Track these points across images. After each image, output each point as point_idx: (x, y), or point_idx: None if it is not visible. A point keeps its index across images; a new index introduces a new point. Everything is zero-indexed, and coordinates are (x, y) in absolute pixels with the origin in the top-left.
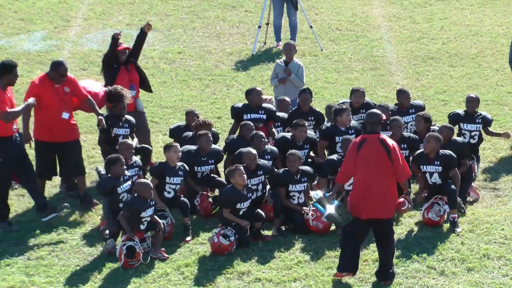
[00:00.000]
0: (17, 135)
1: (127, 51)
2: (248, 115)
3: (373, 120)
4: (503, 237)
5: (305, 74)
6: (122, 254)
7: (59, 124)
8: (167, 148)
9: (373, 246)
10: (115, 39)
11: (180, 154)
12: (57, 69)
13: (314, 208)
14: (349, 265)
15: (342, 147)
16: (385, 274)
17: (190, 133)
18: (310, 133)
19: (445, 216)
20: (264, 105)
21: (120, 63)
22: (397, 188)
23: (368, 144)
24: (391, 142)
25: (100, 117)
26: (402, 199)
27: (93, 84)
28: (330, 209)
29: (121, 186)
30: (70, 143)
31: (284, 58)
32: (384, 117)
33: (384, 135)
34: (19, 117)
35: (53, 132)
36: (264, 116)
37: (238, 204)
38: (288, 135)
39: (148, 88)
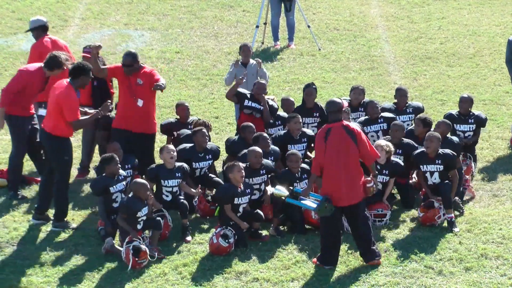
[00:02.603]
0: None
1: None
2: (250, 102)
3: (334, 108)
4: (501, 237)
5: (303, 73)
6: (130, 254)
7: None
8: (160, 150)
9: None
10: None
11: (175, 154)
12: (122, 60)
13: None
14: (329, 258)
15: None
16: (365, 255)
17: (187, 131)
18: (307, 130)
19: (441, 216)
20: (266, 97)
21: None
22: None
23: (334, 133)
24: (355, 126)
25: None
26: (368, 178)
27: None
28: (309, 203)
29: (114, 186)
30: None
31: (241, 59)
32: (346, 104)
33: (348, 122)
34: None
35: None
36: (262, 108)
37: (236, 199)
38: (283, 132)
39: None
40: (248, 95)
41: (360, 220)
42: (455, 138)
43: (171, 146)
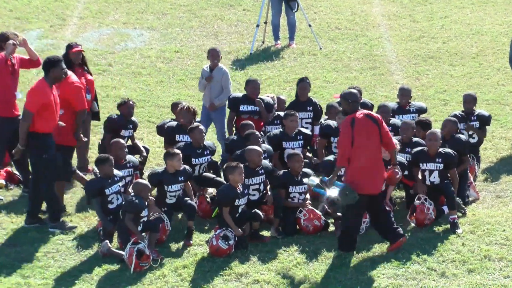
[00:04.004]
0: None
1: (81, 53)
2: (245, 106)
3: (355, 98)
4: (504, 238)
5: (304, 73)
6: (133, 256)
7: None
8: (170, 156)
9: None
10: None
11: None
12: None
13: (307, 209)
14: (346, 245)
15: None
16: (388, 239)
17: (172, 122)
18: (304, 128)
19: (429, 208)
20: (260, 97)
21: (73, 64)
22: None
23: (360, 122)
24: (376, 114)
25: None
26: (393, 170)
27: None
28: (332, 192)
29: (110, 188)
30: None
31: (209, 64)
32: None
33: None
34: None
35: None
36: (259, 109)
37: (236, 200)
38: (278, 131)
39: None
40: (241, 99)
41: (381, 211)
42: (463, 136)
43: (181, 154)
